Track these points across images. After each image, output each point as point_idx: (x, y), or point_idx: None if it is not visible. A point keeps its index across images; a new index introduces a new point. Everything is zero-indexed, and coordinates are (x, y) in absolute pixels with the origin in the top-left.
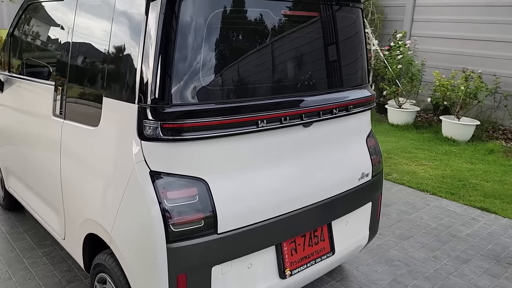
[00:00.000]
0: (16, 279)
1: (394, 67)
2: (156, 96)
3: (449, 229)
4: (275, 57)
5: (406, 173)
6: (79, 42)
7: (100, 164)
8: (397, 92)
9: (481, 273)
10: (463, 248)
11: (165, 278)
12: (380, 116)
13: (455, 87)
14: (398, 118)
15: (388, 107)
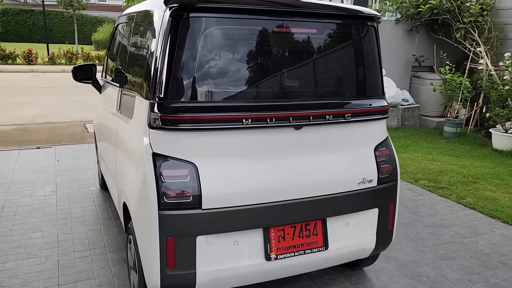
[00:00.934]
0: (90, 240)
1: (500, 88)
2: (160, 94)
3: (503, 257)
4: (261, 66)
5: (484, 199)
6: (129, 53)
7: (129, 147)
8: (503, 115)
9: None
10: (509, 277)
11: (156, 239)
12: (485, 140)
13: None
14: (503, 144)
15: (493, 131)
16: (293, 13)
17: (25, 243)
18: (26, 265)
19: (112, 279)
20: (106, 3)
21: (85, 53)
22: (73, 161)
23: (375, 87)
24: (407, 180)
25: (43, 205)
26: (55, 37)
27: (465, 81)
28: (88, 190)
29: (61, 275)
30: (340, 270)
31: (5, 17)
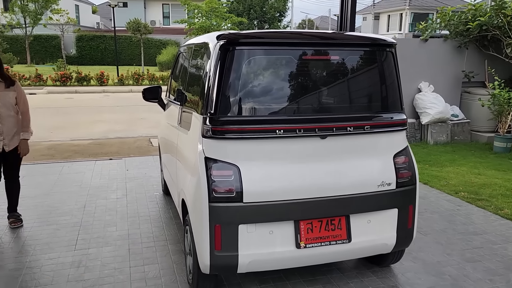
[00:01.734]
0: (154, 234)
1: None
2: (211, 110)
3: None
4: (292, 87)
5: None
6: (188, 77)
7: (187, 154)
8: None
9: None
10: None
11: (207, 226)
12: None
13: None
14: None
15: None
16: (317, 44)
17: (103, 235)
18: (104, 251)
19: (172, 264)
20: (170, 27)
21: (150, 74)
22: (140, 171)
23: (394, 103)
24: (447, 192)
25: (116, 205)
26: (124, 59)
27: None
28: (152, 194)
29: (131, 260)
30: (369, 266)
31: (80, 43)
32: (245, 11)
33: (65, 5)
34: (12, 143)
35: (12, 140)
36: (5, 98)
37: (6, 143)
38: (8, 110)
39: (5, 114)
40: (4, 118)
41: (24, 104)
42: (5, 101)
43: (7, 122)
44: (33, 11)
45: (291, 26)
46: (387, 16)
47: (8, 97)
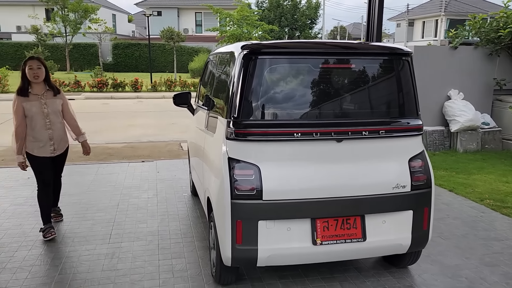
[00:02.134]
0: (182, 231)
1: None
2: (235, 114)
3: None
4: (310, 93)
5: None
6: (215, 83)
7: (213, 155)
8: None
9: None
10: None
11: (229, 221)
12: None
13: None
14: None
15: None
16: (334, 53)
17: (135, 230)
18: (135, 245)
19: (198, 259)
20: (202, 34)
21: (182, 80)
22: (170, 173)
23: (410, 109)
24: (472, 199)
25: (147, 204)
26: (157, 66)
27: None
28: (181, 195)
29: (160, 254)
30: (386, 267)
31: (116, 50)
32: (276, 19)
33: (103, 14)
34: (60, 148)
35: (60, 144)
36: (54, 106)
37: (56, 147)
38: (56, 117)
39: (54, 120)
40: (54, 124)
41: (71, 111)
42: (54, 108)
43: (56, 128)
44: (73, 21)
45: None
46: (422, 23)
47: (56, 104)
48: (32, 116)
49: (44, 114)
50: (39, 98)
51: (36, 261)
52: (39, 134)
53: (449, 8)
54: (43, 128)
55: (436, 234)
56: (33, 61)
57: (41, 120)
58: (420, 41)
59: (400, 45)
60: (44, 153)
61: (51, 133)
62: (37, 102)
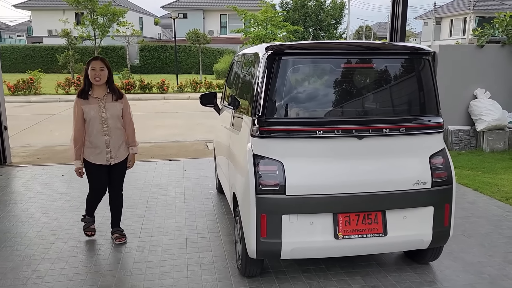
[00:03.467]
0: (209, 227)
1: None
2: (259, 113)
3: None
4: (332, 91)
5: None
6: (240, 84)
7: (238, 152)
8: None
9: None
10: None
11: (254, 215)
12: None
13: None
14: None
15: None
16: (355, 54)
17: (164, 225)
18: (165, 239)
19: (224, 252)
20: (227, 36)
21: (207, 82)
22: (196, 171)
23: (431, 107)
24: (497, 198)
25: (175, 201)
26: (183, 68)
27: None
28: (208, 192)
29: (188, 247)
30: (408, 262)
31: (143, 53)
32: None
33: (130, 17)
34: (119, 156)
35: (118, 152)
36: (113, 110)
37: (113, 155)
38: (115, 122)
39: (112, 125)
40: (111, 130)
41: (130, 117)
42: (113, 112)
43: (114, 134)
44: (101, 24)
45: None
46: (450, 21)
47: (116, 109)
48: (90, 120)
49: (102, 118)
50: (98, 101)
51: (73, 253)
52: (96, 140)
53: (478, 6)
54: (100, 133)
55: (459, 232)
56: (96, 62)
57: (98, 125)
58: (447, 39)
59: (421, 44)
60: (100, 160)
61: (108, 139)
62: (96, 105)
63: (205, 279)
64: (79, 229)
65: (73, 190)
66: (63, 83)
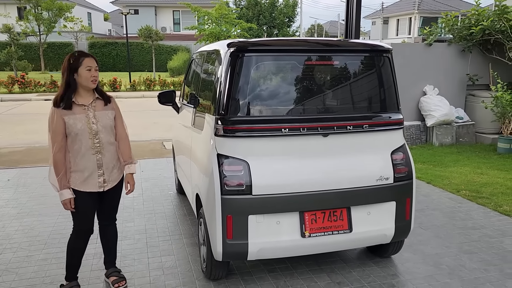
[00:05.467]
0: (170, 229)
1: None
2: (222, 111)
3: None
4: (296, 89)
5: None
6: (201, 82)
7: (201, 152)
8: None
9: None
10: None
11: (220, 216)
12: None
13: None
14: None
15: None
16: (318, 51)
17: (122, 230)
18: (124, 244)
19: (187, 255)
20: (180, 33)
21: (161, 80)
22: (154, 172)
23: (392, 103)
24: (449, 191)
25: (133, 203)
26: (135, 65)
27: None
28: (167, 193)
29: (149, 252)
30: (371, 257)
31: (93, 50)
32: (254, 17)
33: (78, 13)
34: (112, 179)
35: (112, 175)
36: (105, 120)
37: (106, 179)
38: (108, 135)
39: (105, 140)
40: (104, 146)
41: (124, 127)
42: (105, 123)
43: (107, 151)
44: (47, 19)
45: (300, 31)
46: (396, 20)
47: (108, 118)
48: (76, 135)
49: (93, 131)
50: (85, 110)
51: (23, 263)
52: (84, 160)
53: (422, 6)
54: (90, 151)
55: (417, 225)
56: (91, 60)
57: (88, 140)
58: (394, 38)
59: (381, 42)
60: (90, 187)
61: (100, 158)
62: (83, 115)
63: (168, 284)
64: (28, 238)
65: (20, 196)
66: (6, 81)
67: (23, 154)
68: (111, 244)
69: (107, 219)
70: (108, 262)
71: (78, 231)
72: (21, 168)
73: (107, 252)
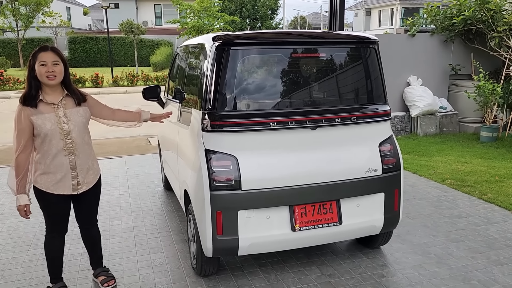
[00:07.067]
0: (158, 226)
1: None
2: (210, 106)
3: (509, 240)
4: (283, 82)
5: (505, 195)
6: (186, 77)
7: (188, 147)
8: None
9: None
10: (510, 256)
11: (209, 213)
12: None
13: None
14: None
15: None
16: (305, 43)
17: (109, 228)
18: (112, 243)
19: (176, 252)
20: (162, 27)
21: (144, 74)
22: (140, 168)
23: (379, 95)
24: (434, 180)
25: (120, 201)
26: (117, 61)
27: (498, 87)
28: (154, 190)
29: (138, 250)
30: (360, 248)
31: (73, 45)
32: (237, 10)
33: (56, 7)
34: (88, 181)
35: (87, 177)
36: (77, 118)
37: (80, 181)
38: (81, 134)
39: (78, 140)
40: (78, 146)
41: (108, 105)
42: (77, 121)
43: (81, 152)
44: (24, 15)
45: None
46: (378, 12)
47: (80, 116)
48: (46, 136)
49: (64, 132)
50: (55, 108)
51: (8, 265)
52: (56, 162)
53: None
54: (62, 152)
55: (404, 215)
56: (47, 54)
57: (59, 141)
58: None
59: (366, 33)
60: (63, 189)
61: (73, 160)
62: (52, 114)
63: (158, 282)
64: (13, 239)
65: (3, 196)
66: None
67: (4, 153)
68: (95, 246)
69: (87, 222)
70: (95, 263)
71: (53, 231)
72: (2, 168)
73: (92, 253)
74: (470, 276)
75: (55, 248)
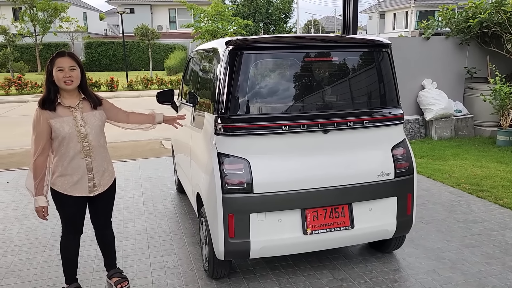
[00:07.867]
0: (171, 229)
1: None
2: (222, 110)
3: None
4: (296, 86)
5: None
6: (200, 81)
7: (201, 151)
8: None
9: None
10: None
11: (221, 215)
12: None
13: None
14: None
15: None
16: (317, 47)
17: (123, 230)
18: (125, 245)
19: (189, 255)
20: (177, 31)
21: (158, 78)
22: (154, 171)
23: (391, 99)
24: (449, 184)
25: (133, 203)
26: (132, 65)
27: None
28: (167, 193)
29: (151, 252)
30: (373, 252)
31: (89, 50)
32: (250, 14)
33: (73, 13)
34: (103, 183)
35: (103, 179)
36: (93, 122)
37: (96, 183)
38: (98, 137)
39: (95, 143)
40: (94, 149)
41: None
42: (94, 125)
43: (97, 155)
44: (42, 20)
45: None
46: (393, 15)
47: (97, 120)
48: (64, 139)
49: (81, 135)
50: (72, 112)
51: (25, 266)
52: (73, 165)
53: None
54: (79, 155)
55: (418, 219)
56: (64, 60)
57: (77, 144)
58: (391, 32)
59: (379, 37)
60: (79, 191)
61: (90, 162)
62: (70, 118)
63: (171, 284)
64: (29, 240)
65: (20, 198)
66: (3, 83)
67: (22, 156)
68: (109, 248)
69: (102, 224)
70: (108, 264)
71: (70, 232)
72: (20, 170)
73: (106, 255)
74: (485, 282)
75: (70, 249)
